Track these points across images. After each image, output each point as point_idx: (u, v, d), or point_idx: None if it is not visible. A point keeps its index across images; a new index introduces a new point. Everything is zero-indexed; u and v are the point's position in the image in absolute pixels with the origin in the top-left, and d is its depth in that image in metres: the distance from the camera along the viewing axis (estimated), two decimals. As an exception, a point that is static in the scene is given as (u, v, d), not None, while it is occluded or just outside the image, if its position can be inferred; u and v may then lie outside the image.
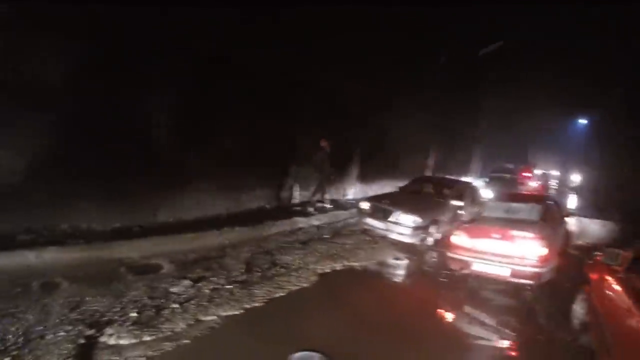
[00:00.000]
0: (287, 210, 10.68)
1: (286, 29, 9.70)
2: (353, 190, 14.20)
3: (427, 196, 10.77)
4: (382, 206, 9.47)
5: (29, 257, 5.76)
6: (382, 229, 9.19)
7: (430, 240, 9.16)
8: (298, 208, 11.22)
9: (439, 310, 6.17)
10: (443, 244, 8.35)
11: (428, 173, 19.86)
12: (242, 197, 10.09)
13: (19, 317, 4.30)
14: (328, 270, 6.93)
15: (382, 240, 9.21)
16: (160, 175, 8.10)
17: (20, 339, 3.94)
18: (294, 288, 5.96)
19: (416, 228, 8.77)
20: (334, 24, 10.54)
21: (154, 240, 7.12)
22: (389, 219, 9.05)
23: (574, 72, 17.74)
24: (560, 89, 22.00)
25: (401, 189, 11.60)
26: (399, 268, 7.95)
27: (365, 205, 9.93)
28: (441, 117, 19.29)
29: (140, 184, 7.77)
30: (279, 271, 6.58)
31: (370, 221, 9.51)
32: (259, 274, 6.37)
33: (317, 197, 12.06)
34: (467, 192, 11.16)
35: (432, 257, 8.70)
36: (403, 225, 8.82)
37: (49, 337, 4.04)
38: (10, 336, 3.96)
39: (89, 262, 5.99)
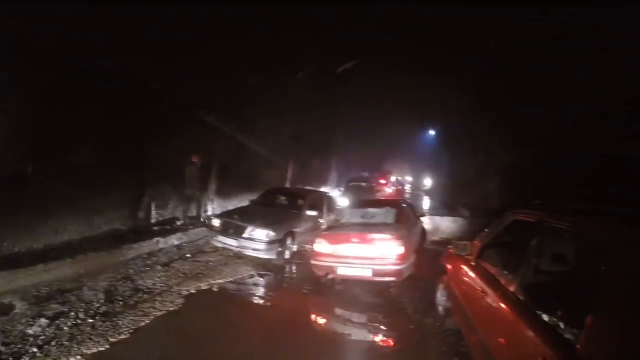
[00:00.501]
0: (145, 231, 10.14)
1: (143, 30, 8.84)
2: (212, 207, 13.80)
3: (281, 208, 10.63)
4: (235, 222, 9.15)
5: None
6: (236, 247, 8.85)
7: (287, 254, 9.11)
8: (156, 228, 10.74)
9: (312, 317, 6.49)
10: (304, 254, 9.18)
11: (287, 185, 20.24)
12: (96, 219, 9.22)
13: None
14: (194, 291, 6.83)
15: (245, 256, 8.98)
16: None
17: None
18: (160, 313, 5.80)
19: (271, 242, 8.54)
20: (196, 30, 10.08)
21: (0, 276, 6.34)
22: (243, 236, 8.72)
23: (424, 85, 19.48)
24: (411, 101, 23.90)
25: (253, 202, 11.43)
26: (265, 283, 7.87)
27: (216, 223, 9.59)
28: (301, 131, 19.82)
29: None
30: (143, 297, 6.34)
31: (223, 239, 9.11)
32: (121, 303, 6.07)
33: (187, 213, 11.92)
34: (322, 202, 11.22)
35: (292, 269, 8.88)
36: (258, 240, 8.54)
37: None
38: None
39: None
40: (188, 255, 9.10)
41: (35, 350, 4.56)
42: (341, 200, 15.28)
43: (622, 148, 8.65)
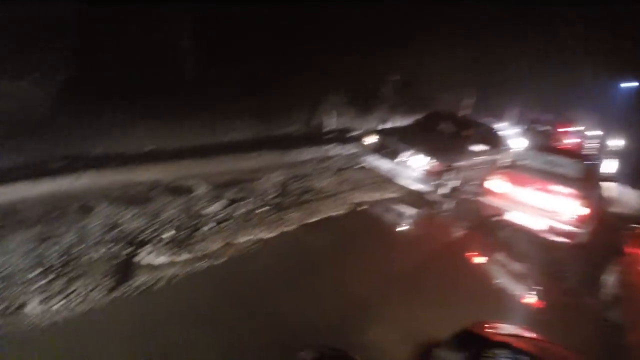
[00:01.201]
0: (318, 138, 10.36)
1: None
2: (388, 124, 13.60)
3: (444, 136, 8.94)
4: (391, 142, 7.98)
5: (65, 183, 5.89)
6: (389, 170, 7.76)
7: (443, 189, 7.74)
8: (330, 136, 10.87)
9: (469, 256, 5.95)
10: (471, 190, 7.92)
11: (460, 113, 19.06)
12: (273, 120, 9.81)
13: (58, 239, 4.40)
14: (356, 201, 6.83)
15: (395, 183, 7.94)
16: (189, 98, 8.06)
17: (62, 259, 4.05)
18: (327, 215, 5.98)
19: (428, 173, 7.34)
20: None
21: (188, 162, 7.20)
22: (397, 159, 7.58)
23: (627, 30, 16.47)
24: (608, 46, 20.46)
25: (414, 124, 9.79)
26: (418, 214, 7.18)
27: (370, 140, 8.32)
28: (483, 59, 18.26)
29: (168, 108, 7.74)
30: (310, 198, 6.56)
31: (374, 160, 7.98)
32: (292, 198, 6.37)
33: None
34: (492, 137, 9.60)
35: (447, 206, 7.62)
36: (414, 168, 7.40)
37: (87, 257, 4.15)
38: (52, 257, 4.08)
39: (124, 185, 6.10)
40: (356, 167, 8.77)
41: (210, 226, 5.06)
42: (517, 140, 13.48)
43: None
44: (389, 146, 7.87)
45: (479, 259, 5.81)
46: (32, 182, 5.69)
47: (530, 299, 4.91)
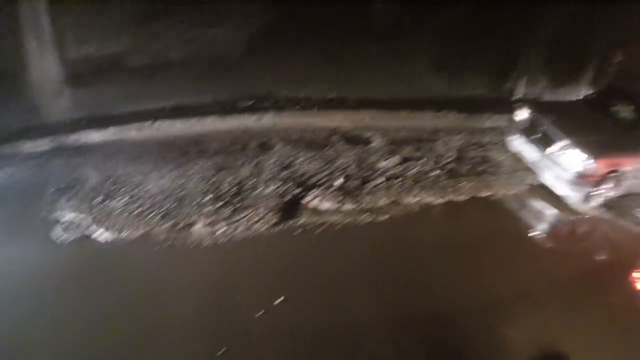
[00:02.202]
0: (507, 104, 9.26)
1: None
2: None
3: (618, 125, 6.33)
4: (544, 124, 6.08)
5: (249, 121, 6.41)
6: (534, 162, 6.00)
7: (597, 200, 5.71)
8: (520, 103, 9.68)
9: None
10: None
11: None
12: (459, 80, 8.91)
13: (235, 171, 4.71)
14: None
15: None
16: (376, 49, 7.79)
17: (233, 189, 4.31)
18: (501, 192, 5.49)
19: (583, 176, 5.40)
20: None
21: (368, 113, 7.15)
22: (547, 150, 5.77)
23: None
24: None
25: (584, 100, 7.38)
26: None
27: (521, 116, 6.57)
28: None
29: (355, 55, 7.63)
30: (489, 169, 6.00)
31: (521, 144, 6.26)
32: (468, 167, 5.92)
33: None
34: None
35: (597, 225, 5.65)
36: (564, 166, 5.54)
37: (258, 190, 4.36)
38: (225, 186, 4.34)
39: (304, 128, 6.38)
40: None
41: (380, 180, 5.01)
42: None
43: None
44: (541, 129, 6.06)
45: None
46: (219, 118, 6.29)
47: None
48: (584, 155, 5.29)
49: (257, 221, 4.01)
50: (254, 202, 4.24)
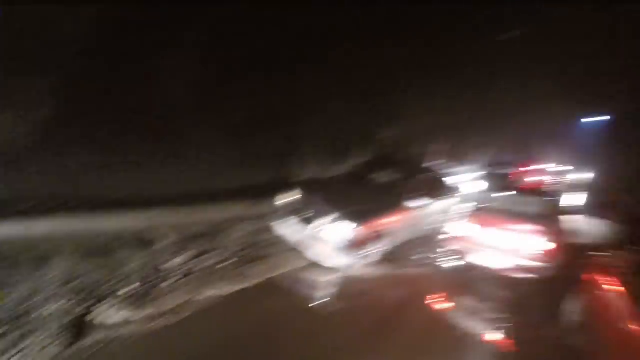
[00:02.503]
0: (288, 187, 10.18)
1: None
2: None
3: (377, 189, 7.36)
4: (313, 203, 6.54)
5: (26, 227, 5.75)
6: (309, 238, 6.18)
7: (371, 259, 6.32)
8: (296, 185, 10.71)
9: (431, 300, 5.85)
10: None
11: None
12: (244, 170, 9.56)
13: (12, 290, 4.23)
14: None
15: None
16: (168, 144, 8.02)
17: (10, 313, 3.89)
18: (288, 271, 5.96)
19: (351, 243, 5.90)
20: None
21: (159, 211, 7.10)
22: (309, 227, 6.17)
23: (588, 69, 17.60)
24: (573, 85, 21.67)
25: (347, 173, 8.48)
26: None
27: (294, 197, 7.02)
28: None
29: (146, 153, 7.71)
30: (275, 251, 6.47)
31: (294, 224, 6.49)
32: (256, 251, 6.32)
33: None
34: (437, 185, 8.35)
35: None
36: (331, 239, 5.94)
37: (41, 311, 3.98)
38: (3, 309, 3.90)
39: (88, 233, 5.97)
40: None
41: (175, 279, 5.06)
42: (477, 184, 13.13)
43: None
44: (308, 207, 6.47)
45: (444, 305, 5.73)
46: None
47: (498, 337, 4.98)
48: (349, 225, 5.89)
49: (43, 348, 3.61)
50: (36, 325, 3.83)
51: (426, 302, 5.69)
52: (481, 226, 6.66)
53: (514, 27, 15.33)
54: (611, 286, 3.96)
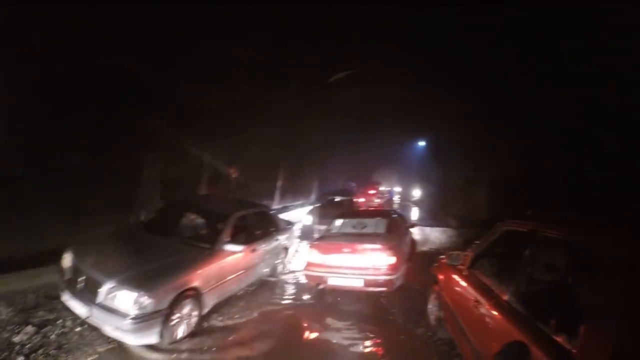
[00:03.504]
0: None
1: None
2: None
3: (182, 241, 6.21)
4: (86, 269, 5.10)
5: None
6: (87, 316, 4.79)
7: (181, 330, 5.25)
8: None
9: (303, 329, 6.27)
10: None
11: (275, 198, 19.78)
12: (89, 222, 8.95)
13: None
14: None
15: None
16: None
17: None
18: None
19: (145, 315, 4.62)
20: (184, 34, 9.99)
21: None
22: (97, 300, 4.73)
23: (414, 97, 19.93)
24: (401, 112, 24.21)
25: (146, 222, 7.06)
26: None
27: (66, 264, 5.47)
28: (289, 140, 19.73)
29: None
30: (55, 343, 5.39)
31: (70, 299, 5.03)
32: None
33: None
34: (260, 225, 7.89)
35: None
36: (120, 312, 4.60)
37: None
38: None
39: None
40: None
41: (21, 359, 4.45)
42: (306, 218, 14.05)
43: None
44: (83, 274, 5.05)
45: (312, 334, 6.09)
46: None
47: (369, 348, 5.38)
48: (135, 292, 4.58)
49: None
50: None
51: (299, 333, 5.96)
52: (331, 252, 7.14)
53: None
54: (460, 281, 4.60)
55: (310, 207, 16.54)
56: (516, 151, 14.19)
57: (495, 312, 3.34)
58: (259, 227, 7.75)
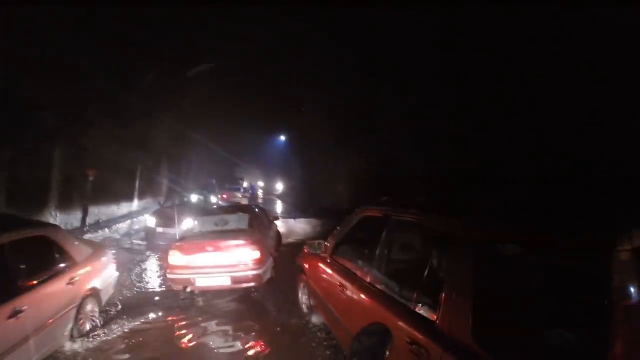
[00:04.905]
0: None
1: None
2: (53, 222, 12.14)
3: None
4: None
5: None
6: None
7: None
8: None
9: (177, 334, 5.82)
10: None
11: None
12: None
13: None
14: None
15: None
16: None
17: None
18: None
19: None
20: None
21: None
22: None
23: (276, 94, 20.24)
24: (263, 109, 24.41)
25: None
26: None
27: None
28: (146, 137, 18.73)
29: None
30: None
31: None
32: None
33: None
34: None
35: None
36: None
37: None
38: None
39: None
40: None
41: None
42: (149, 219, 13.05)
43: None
44: None
45: (190, 341, 5.60)
46: None
47: (248, 344, 5.26)
48: None
49: None
50: None
51: (176, 343, 5.56)
52: (193, 252, 6.92)
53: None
54: (325, 267, 4.75)
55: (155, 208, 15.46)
56: (375, 148, 15.14)
57: (360, 294, 3.56)
58: (32, 265, 4.46)
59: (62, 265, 5.00)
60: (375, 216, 3.97)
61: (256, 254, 6.83)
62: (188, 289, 7.04)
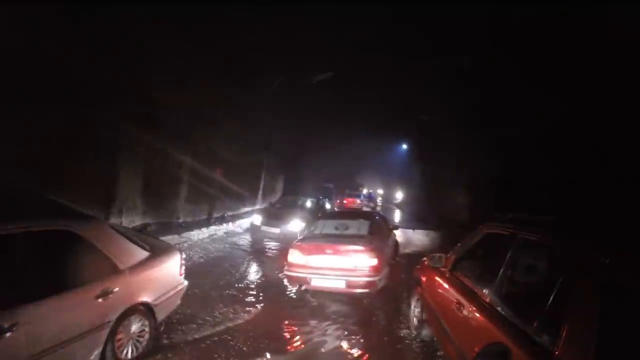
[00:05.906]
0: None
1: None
2: (183, 213, 13.46)
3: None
4: None
5: None
6: None
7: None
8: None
9: (285, 329, 6.10)
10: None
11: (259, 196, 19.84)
12: None
13: None
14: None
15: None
16: None
17: None
18: None
19: None
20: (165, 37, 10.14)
21: None
22: None
23: (396, 100, 20.28)
24: (384, 115, 24.53)
25: None
26: None
27: None
28: (270, 142, 19.78)
29: None
30: None
31: None
32: None
33: None
34: None
35: None
36: None
37: None
38: None
39: None
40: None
41: None
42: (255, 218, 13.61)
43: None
44: None
45: (297, 336, 5.81)
46: None
47: (353, 350, 5.33)
48: None
49: None
50: None
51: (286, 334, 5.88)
52: (313, 253, 7.15)
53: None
54: (442, 282, 4.65)
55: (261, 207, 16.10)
56: (494, 154, 14.37)
57: (477, 314, 3.41)
58: (43, 270, 3.46)
59: (92, 271, 3.84)
60: (500, 234, 3.82)
61: (373, 261, 6.85)
62: (303, 287, 7.32)
